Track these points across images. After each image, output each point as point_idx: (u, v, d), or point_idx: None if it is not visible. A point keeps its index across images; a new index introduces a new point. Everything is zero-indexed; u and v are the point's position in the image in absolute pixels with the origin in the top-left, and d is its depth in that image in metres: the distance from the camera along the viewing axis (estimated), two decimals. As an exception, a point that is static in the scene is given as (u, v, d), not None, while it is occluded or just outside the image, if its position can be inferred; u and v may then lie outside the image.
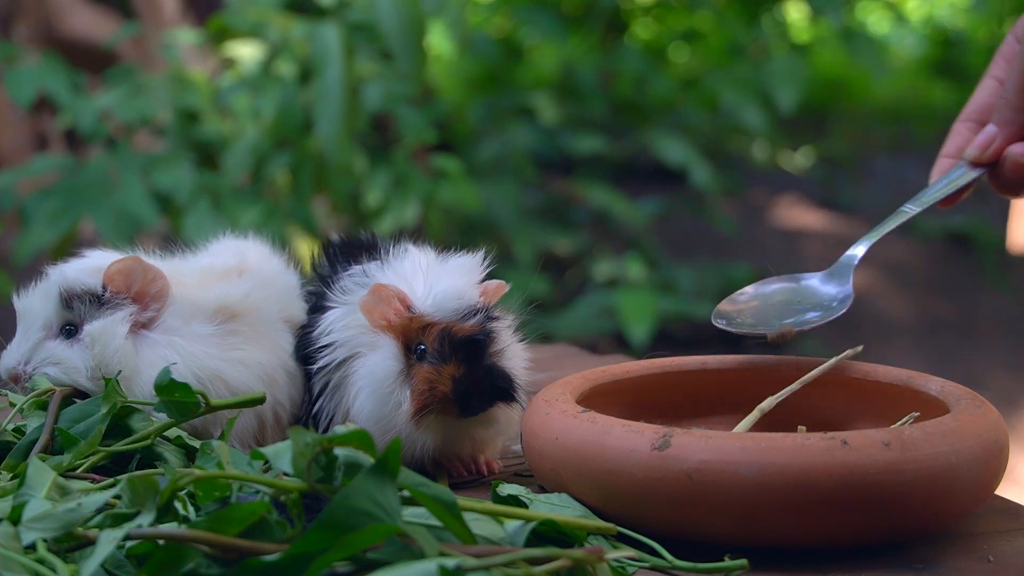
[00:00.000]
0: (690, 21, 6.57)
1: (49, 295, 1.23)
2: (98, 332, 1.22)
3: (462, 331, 1.20)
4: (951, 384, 1.23)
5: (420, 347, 1.20)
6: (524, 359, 1.29)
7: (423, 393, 1.19)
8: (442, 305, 1.21)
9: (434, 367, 1.19)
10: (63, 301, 1.23)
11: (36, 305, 1.23)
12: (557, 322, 4.48)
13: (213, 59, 4.10)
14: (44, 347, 1.23)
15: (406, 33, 3.16)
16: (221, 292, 1.30)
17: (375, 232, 1.39)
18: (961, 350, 5.00)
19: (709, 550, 1.04)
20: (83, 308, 1.23)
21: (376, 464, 0.88)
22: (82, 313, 1.23)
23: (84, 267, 1.25)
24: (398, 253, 1.29)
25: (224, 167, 3.43)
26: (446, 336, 1.19)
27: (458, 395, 1.19)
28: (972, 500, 1.09)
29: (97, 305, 1.23)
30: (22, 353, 1.23)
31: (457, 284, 1.23)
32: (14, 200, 3.38)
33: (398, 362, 1.21)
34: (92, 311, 1.23)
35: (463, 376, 1.19)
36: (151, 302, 1.25)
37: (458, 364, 1.20)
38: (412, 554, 0.88)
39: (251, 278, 1.33)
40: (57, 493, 0.99)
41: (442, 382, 1.19)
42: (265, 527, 0.91)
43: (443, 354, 1.19)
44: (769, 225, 6.07)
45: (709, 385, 1.37)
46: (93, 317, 1.23)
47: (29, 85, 3.37)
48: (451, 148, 4.53)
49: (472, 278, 1.25)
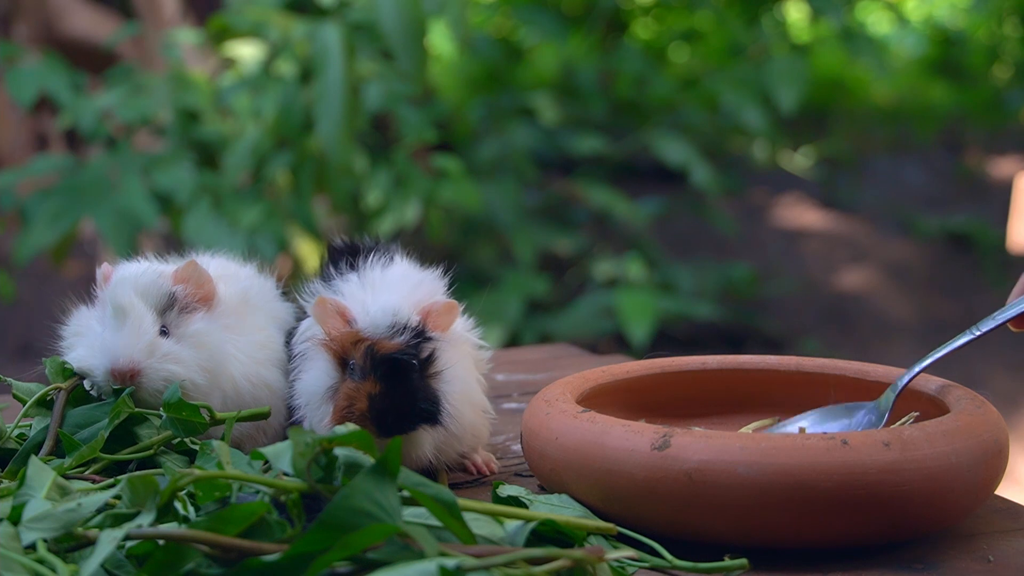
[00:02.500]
0: (690, 21, 6.58)
1: (148, 296, 1.24)
2: (203, 332, 1.25)
3: (384, 348, 1.17)
4: (951, 384, 1.23)
5: (351, 363, 1.19)
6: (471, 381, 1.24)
7: (342, 409, 1.16)
8: (376, 321, 1.19)
9: (356, 384, 1.17)
10: (160, 303, 1.24)
11: (140, 304, 1.23)
12: (557, 322, 4.48)
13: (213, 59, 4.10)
14: (160, 344, 1.23)
15: (407, 33, 3.17)
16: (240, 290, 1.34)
17: (378, 236, 1.38)
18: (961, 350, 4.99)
19: (709, 550, 1.04)
20: (170, 311, 1.25)
21: (376, 464, 0.88)
22: (169, 316, 1.25)
23: (157, 271, 1.27)
24: (380, 263, 1.27)
25: (224, 167, 3.43)
26: (370, 353, 1.17)
27: (373, 414, 1.16)
28: (972, 500, 1.09)
29: (174, 307, 1.25)
30: (140, 349, 1.22)
31: (392, 301, 1.20)
32: (14, 200, 3.38)
33: (330, 377, 1.20)
34: (172, 313, 1.25)
35: (379, 394, 1.16)
36: (209, 303, 1.28)
37: (376, 382, 1.16)
38: (412, 554, 0.88)
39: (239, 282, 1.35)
40: (57, 493, 0.99)
41: (360, 399, 1.16)
42: (265, 527, 0.91)
43: (364, 371, 1.17)
44: (769, 225, 6.07)
45: (709, 385, 1.37)
46: (174, 319, 1.25)
47: (30, 85, 3.37)
48: (451, 148, 4.53)
49: (417, 296, 1.22)
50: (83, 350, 1.24)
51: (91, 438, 1.18)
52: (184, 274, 1.27)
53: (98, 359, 1.22)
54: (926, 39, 7.96)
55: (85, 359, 1.23)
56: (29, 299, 4.73)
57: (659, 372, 1.36)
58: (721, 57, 6.30)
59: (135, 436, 1.21)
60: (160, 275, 1.26)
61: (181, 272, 1.27)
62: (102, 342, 1.22)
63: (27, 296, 4.69)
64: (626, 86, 5.60)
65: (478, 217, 4.46)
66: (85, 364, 1.22)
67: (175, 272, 1.26)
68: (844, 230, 5.99)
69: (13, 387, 1.27)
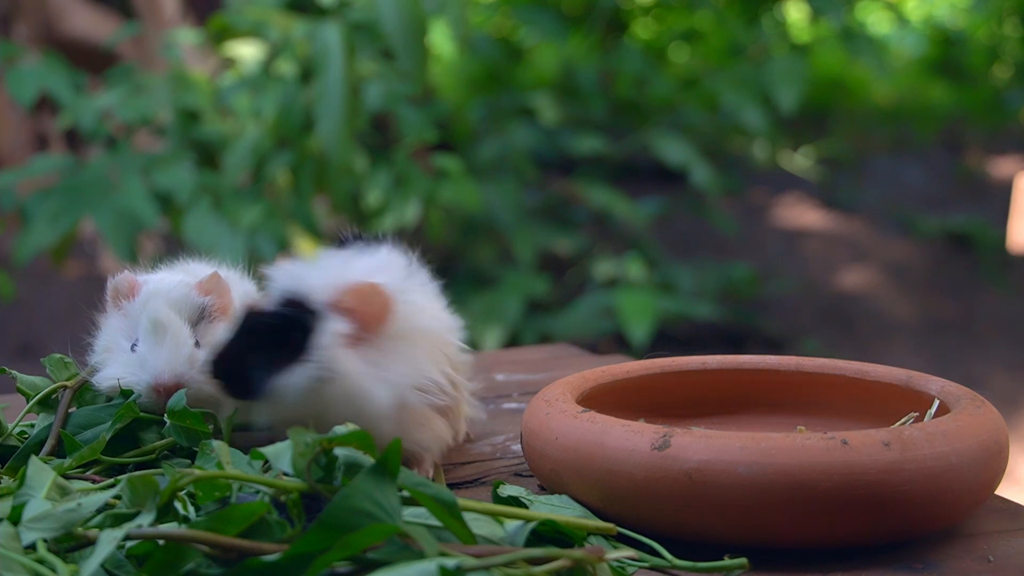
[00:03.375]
0: (690, 21, 6.58)
1: (181, 309, 1.25)
2: None
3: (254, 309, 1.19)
4: (951, 384, 1.23)
5: None
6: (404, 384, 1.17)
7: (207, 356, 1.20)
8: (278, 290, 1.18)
9: None
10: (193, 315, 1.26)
11: (176, 319, 1.24)
12: (557, 322, 4.48)
13: (213, 59, 4.10)
14: (198, 356, 1.24)
15: (407, 32, 3.17)
16: None
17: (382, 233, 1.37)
18: (961, 350, 5.00)
19: (709, 550, 1.04)
20: (199, 323, 1.27)
21: (376, 464, 0.88)
22: (199, 327, 1.27)
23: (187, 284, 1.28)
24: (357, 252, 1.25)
25: (225, 167, 3.43)
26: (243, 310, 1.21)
27: (210, 359, 1.17)
28: (972, 500, 1.09)
29: (203, 319, 1.27)
30: (180, 362, 1.23)
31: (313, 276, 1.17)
32: (14, 200, 3.38)
33: None
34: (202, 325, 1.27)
35: (222, 343, 1.16)
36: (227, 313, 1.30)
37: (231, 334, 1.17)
38: (412, 554, 0.88)
39: None
40: (57, 493, 0.99)
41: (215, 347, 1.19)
42: (265, 527, 0.91)
43: None
44: (769, 225, 6.07)
45: (709, 385, 1.37)
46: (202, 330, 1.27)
47: (31, 84, 3.37)
48: (451, 148, 4.53)
49: (351, 278, 1.17)
50: (119, 367, 1.24)
51: (93, 439, 1.18)
52: (209, 285, 1.28)
53: (139, 375, 1.22)
54: (926, 39, 7.97)
55: (125, 376, 1.23)
56: (29, 299, 4.73)
57: (659, 372, 1.36)
58: (721, 57, 6.30)
59: (139, 440, 1.21)
60: (190, 288, 1.27)
61: (206, 283, 1.28)
62: (142, 358, 1.23)
63: (27, 296, 4.69)
64: (626, 86, 5.61)
65: (478, 217, 4.46)
66: (126, 382, 1.23)
67: (200, 284, 1.28)
68: (844, 230, 6.00)
69: (18, 380, 1.27)
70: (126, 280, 1.28)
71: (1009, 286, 5.61)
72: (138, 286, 1.27)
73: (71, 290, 4.80)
